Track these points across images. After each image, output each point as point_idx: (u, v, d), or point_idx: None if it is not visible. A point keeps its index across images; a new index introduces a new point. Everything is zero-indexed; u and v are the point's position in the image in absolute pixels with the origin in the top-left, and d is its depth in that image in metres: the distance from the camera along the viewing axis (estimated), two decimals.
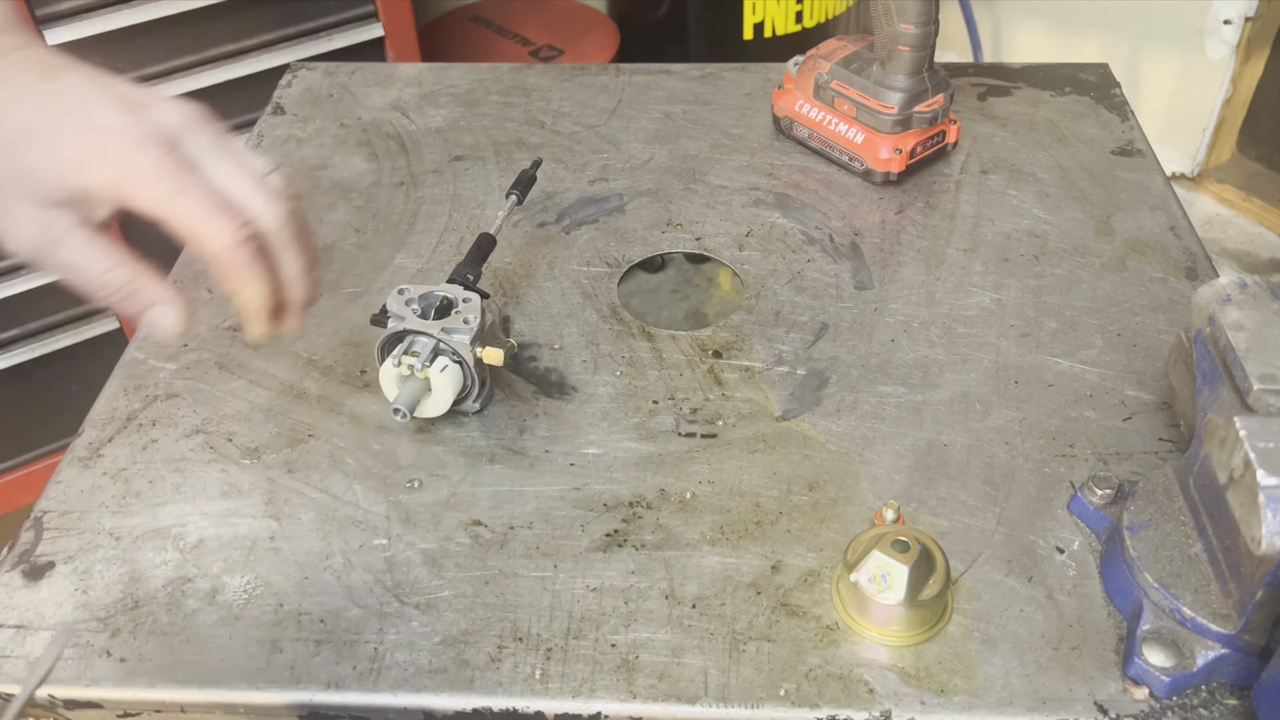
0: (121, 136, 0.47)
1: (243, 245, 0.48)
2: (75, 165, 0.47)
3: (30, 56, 0.50)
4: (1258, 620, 0.49)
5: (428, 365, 0.64)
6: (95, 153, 0.46)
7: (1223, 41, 2.12)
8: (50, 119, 0.47)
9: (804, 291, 0.77)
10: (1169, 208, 0.84)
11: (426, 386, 0.65)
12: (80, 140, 0.47)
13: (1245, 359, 0.52)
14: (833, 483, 0.64)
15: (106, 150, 0.46)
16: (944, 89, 0.85)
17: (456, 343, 0.65)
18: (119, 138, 0.47)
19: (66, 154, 0.47)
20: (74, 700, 0.55)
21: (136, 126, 0.47)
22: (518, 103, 0.99)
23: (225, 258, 0.48)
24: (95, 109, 0.47)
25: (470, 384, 0.66)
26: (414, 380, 0.64)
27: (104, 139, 0.47)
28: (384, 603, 0.58)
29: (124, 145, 0.46)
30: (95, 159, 0.46)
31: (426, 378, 0.64)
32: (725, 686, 0.53)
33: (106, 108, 0.47)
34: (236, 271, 0.49)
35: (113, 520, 0.63)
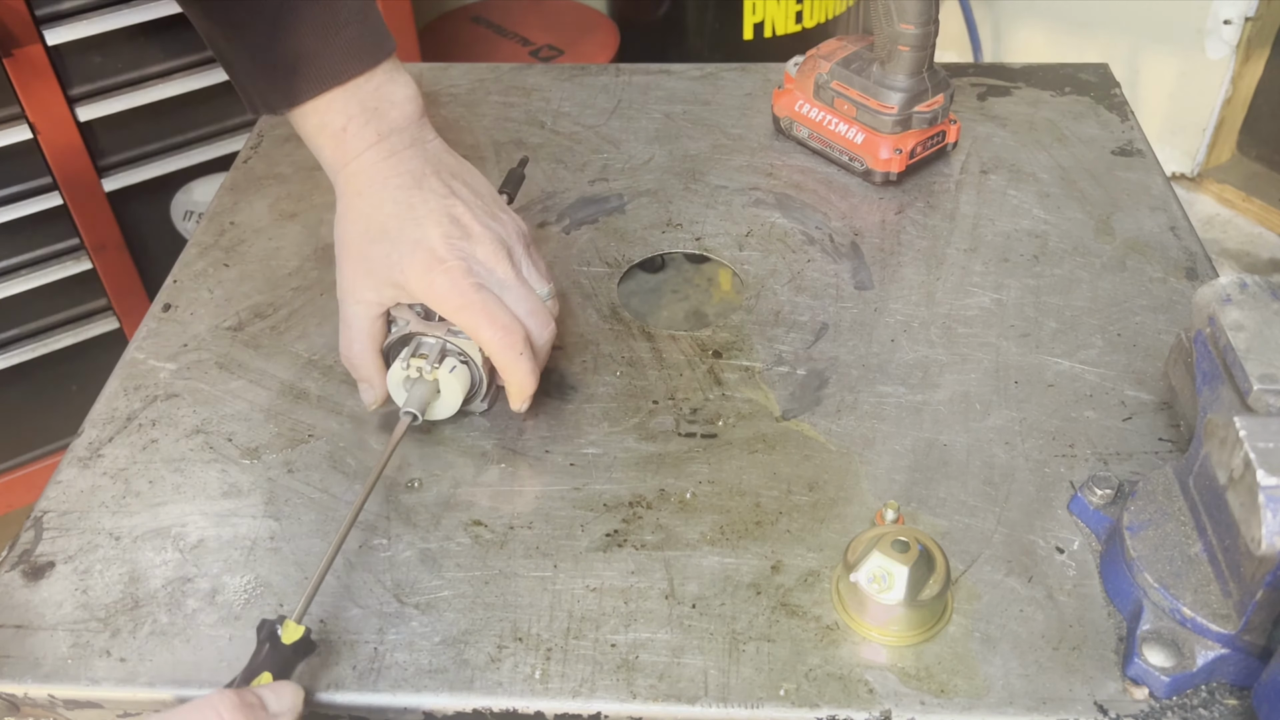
0: (435, 262, 0.62)
1: (510, 345, 0.62)
2: (398, 269, 0.63)
3: (407, 162, 0.65)
4: (1258, 620, 0.49)
5: (436, 367, 0.64)
6: (414, 268, 0.62)
7: (1223, 41, 2.12)
8: (398, 229, 0.63)
9: (804, 291, 0.77)
10: (1169, 208, 0.84)
11: (435, 388, 0.65)
12: (411, 256, 0.62)
13: (1245, 359, 0.52)
14: (833, 483, 0.64)
15: (423, 269, 0.62)
16: (944, 89, 0.85)
17: (463, 343, 0.65)
18: (433, 262, 0.62)
19: (396, 259, 0.63)
20: (74, 700, 0.55)
21: (451, 256, 0.62)
22: (518, 103, 0.99)
23: (497, 357, 0.63)
24: (429, 230, 0.63)
25: (478, 384, 0.66)
26: (422, 382, 0.64)
27: (425, 259, 0.62)
28: (384, 603, 0.58)
29: (434, 268, 0.62)
30: (414, 272, 0.62)
31: (435, 379, 0.64)
32: (725, 687, 0.53)
33: (437, 233, 0.62)
34: (504, 364, 0.63)
35: (113, 520, 0.63)
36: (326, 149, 0.66)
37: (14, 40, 1.24)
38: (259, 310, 0.77)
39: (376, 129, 0.64)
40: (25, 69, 1.26)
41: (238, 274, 0.80)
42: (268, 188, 0.89)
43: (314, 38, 0.62)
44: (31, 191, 1.34)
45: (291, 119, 0.66)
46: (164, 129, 1.41)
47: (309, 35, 0.62)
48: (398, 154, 0.65)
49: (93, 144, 1.35)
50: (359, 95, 0.64)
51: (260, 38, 0.63)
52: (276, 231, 0.85)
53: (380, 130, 0.65)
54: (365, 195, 0.64)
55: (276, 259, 0.82)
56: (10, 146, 1.29)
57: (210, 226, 0.85)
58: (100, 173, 1.37)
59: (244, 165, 0.92)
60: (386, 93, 0.65)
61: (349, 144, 0.65)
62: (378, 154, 0.65)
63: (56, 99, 1.29)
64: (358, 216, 0.64)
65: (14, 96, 1.27)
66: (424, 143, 0.67)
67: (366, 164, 0.65)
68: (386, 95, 0.65)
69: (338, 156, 0.65)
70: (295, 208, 0.87)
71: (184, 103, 1.38)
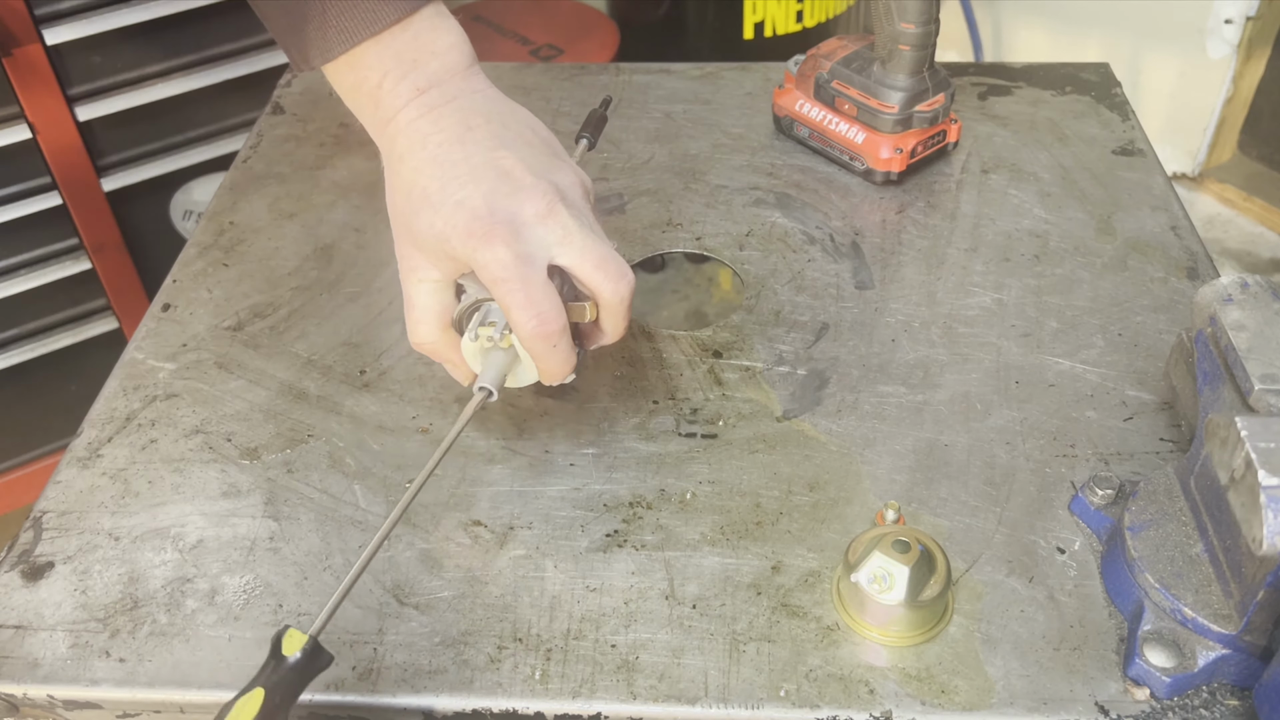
0: (479, 224, 0.55)
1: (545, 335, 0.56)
2: (444, 238, 0.56)
3: (448, 116, 0.59)
4: (1259, 621, 0.49)
5: (508, 332, 0.58)
6: (458, 233, 0.56)
7: (1224, 41, 2.12)
8: (440, 191, 0.57)
9: (804, 291, 0.77)
10: (1170, 207, 0.84)
11: (514, 355, 0.59)
12: (451, 220, 0.56)
13: (1246, 359, 0.52)
14: (833, 483, 0.63)
15: (466, 234, 0.56)
16: (945, 88, 0.84)
17: None
18: (477, 225, 0.55)
19: (440, 228, 0.56)
20: (73, 700, 0.55)
21: (493, 216, 0.56)
22: (517, 102, 0.99)
23: (527, 343, 0.57)
24: (472, 189, 0.56)
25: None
26: (497, 351, 0.59)
27: (467, 223, 0.56)
28: (383, 603, 0.58)
29: (477, 233, 0.55)
30: (456, 238, 0.56)
31: (510, 345, 0.59)
32: (725, 687, 0.53)
33: (481, 190, 0.56)
34: (535, 352, 0.57)
35: (112, 520, 0.63)
36: (365, 108, 0.60)
37: (13, 40, 1.24)
38: (258, 310, 0.77)
39: (415, 83, 0.58)
40: (24, 69, 1.26)
41: (237, 274, 0.80)
42: (267, 187, 0.89)
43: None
44: (31, 191, 1.34)
45: (329, 78, 0.61)
46: (163, 129, 1.41)
47: None
48: (438, 108, 0.59)
49: (92, 144, 1.35)
50: (395, 46, 0.58)
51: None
52: (276, 231, 0.85)
53: (419, 84, 0.59)
54: (406, 159, 0.59)
55: (276, 259, 0.82)
56: (9, 146, 1.29)
57: (209, 226, 0.85)
58: (99, 172, 1.37)
59: (243, 165, 0.92)
60: (426, 41, 0.59)
61: (386, 100, 0.59)
62: (417, 109, 0.59)
63: (56, 99, 1.29)
64: (401, 184, 0.59)
65: (13, 96, 1.27)
66: (471, 93, 0.60)
67: (405, 122, 0.59)
68: (426, 44, 0.59)
69: (376, 116, 0.60)
70: (295, 207, 0.87)
71: (183, 102, 1.38)
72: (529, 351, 0.58)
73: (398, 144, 0.59)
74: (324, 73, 0.60)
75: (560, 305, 0.57)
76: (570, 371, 0.59)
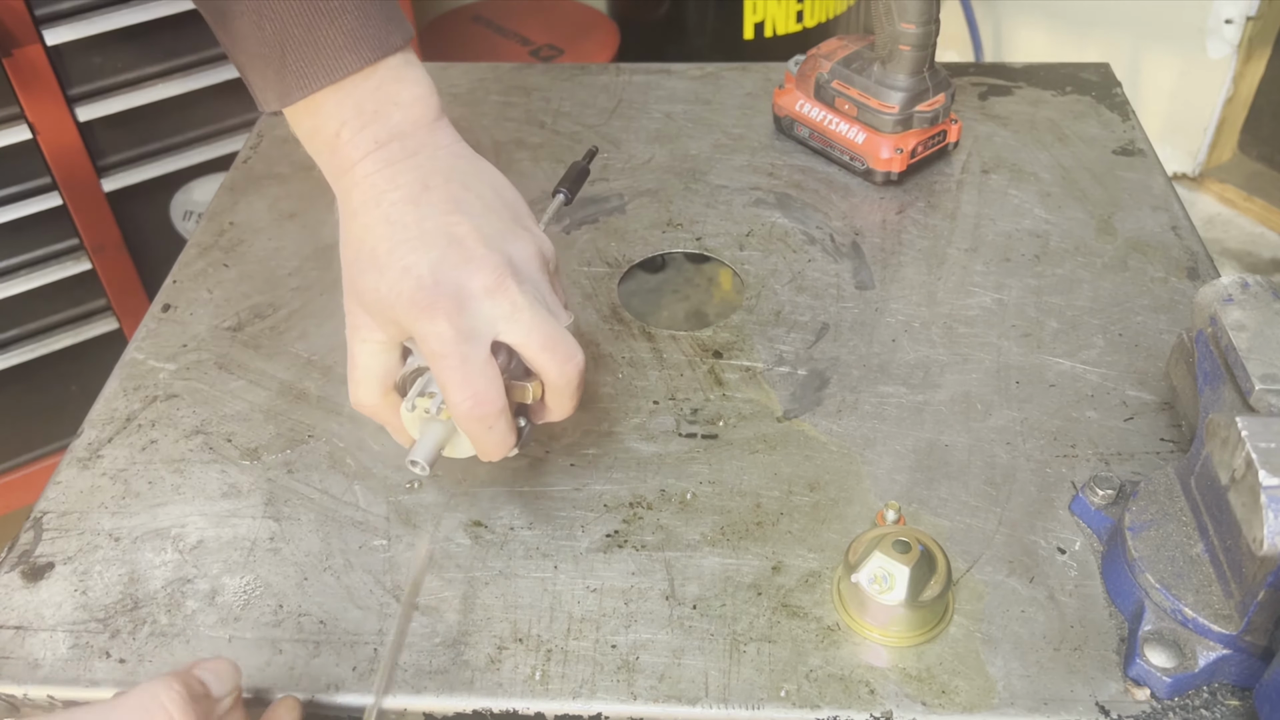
0: (423, 295, 0.53)
1: (480, 417, 0.54)
2: (387, 304, 0.54)
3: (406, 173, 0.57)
4: (1259, 621, 0.49)
5: (443, 405, 0.55)
6: (401, 302, 0.54)
7: (1224, 41, 2.12)
8: (388, 254, 0.55)
9: (805, 291, 0.77)
10: (1170, 207, 0.84)
11: (453, 427, 0.56)
12: (396, 287, 0.54)
13: (1247, 359, 0.52)
14: (834, 483, 0.63)
15: (409, 303, 0.53)
16: (945, 88, 0.84)
17: None
18: (420, 296, 0.53)
19: (384, 292, 0.54)
20: (73, 701, 0.55)
21: (437, 288, 0.53)
22: (518, 102, 0.99)
23: (461, 423, 0.55)
24: (421, 256, 0.54)
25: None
26: (435, 423, 0.56)
27: (411, 292, 0.53)
28: (384, 604, 0.58)
29: (420, 304, 0.53)
30: (400, 306, 0.54)
31: (448, 418, 0.56)
32: (726, 687, 0.53)
33: (429, 259, 0.54)
34: (469, 432, 0.55)
35: (112, 521, 0.63)
36: (322, 154, 0.58)
37: (13, 40, 1.24)
38: (258, 310, 0.77)
39: (374, 135, 0.56)
40: (25, 69, 1.26)
41: (237, 274, 0.80)
42: (267, 187, 0.89)
43: (301, 28, 0.55)
44: (31, 192, 1.34)
45: (288, 120, 0.59)
46: (163, 129, 1.40)
47: (295, 25, 0.55)
48: (396, 164, 0.56)
49: (92, 144, 1.35)
50: (355, 95, 0.56)
51: (248, 27, 0.55)
52: (276, 231, 0.84)
53: (379, 137, 0.56)
54: (359, 215, 0.56)
55: (276, 259, 0.82)
56: (10, 147, 1.29)
57: (210, 226, 0.85)
58: (100, 173, 1.37)
59: (243, 165, 0.92)
60: (390, 92, 0.57)
61: (344, 151, 0.57)
62: (374, 164, 0.56)
63: (56, 99, 1.29)
64: (351, 240, 0.57)
65: (13, 97, 1.27)
66: (435, 149, 0.58)
67: (361, 175, 0.56)
68: (389, 95, 0.57)
69: (333, 164, 0.58)
70: (295, 207, 0.87)
71: (183, 103, 1.38)
72: (463, 430, 0.55)
73: (352, 197, 0.57)
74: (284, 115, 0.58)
75: (499, 385, 0.54)
76: (509, 450, 0.56)
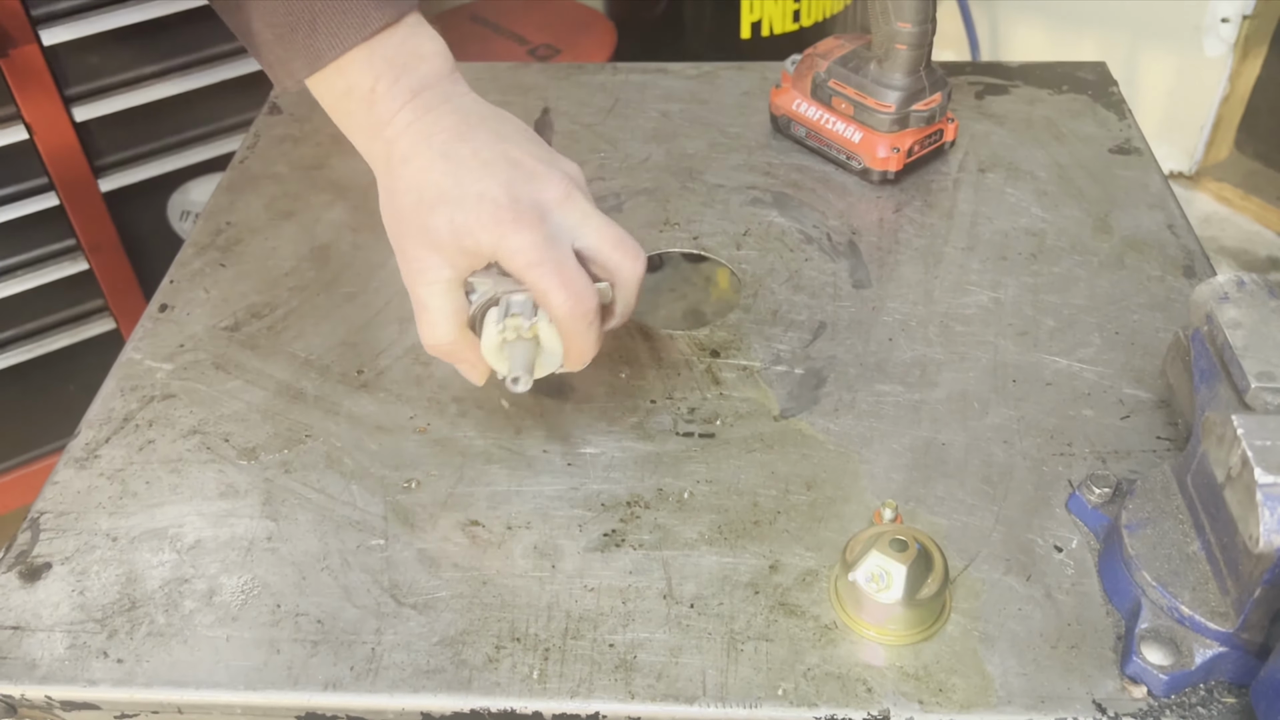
0: (505, 213, 0.56)
1: (582, 314, 0.57)
2: (466, 232, 0.56)
3: (446, 116, 0.59)
4: (1256, 618, 0.49)
5: (533, 320, 0.58)
6: (483, 224, 0.56)
7: (1220, 40, 2.12)
8: (456, 186, 0.57)
9: (802, 290, 0.77)
10: (1167, 206, 0.84)
11: (536, 344, 0.60)
12: (474, 212, 0.56)
13: (1243, 357, 0.52)
14: (831, 482, 0.63)
15: (492, 223, 0.56)
16: (941, 87, 0.84)
17: None
18: (503, 213, 0.56)
19: (461, 221, 0.56)
20: (70, 701, 0.55)
21: (517, 204, 0.56)
22: (515, 101, 0.99)
23: (564, 324, 0.58)
24: (490, 181, 0.57)
25: None
26: (521, 343, 0.59)
27: (492, 212, 0.56)
28: (381, 603, 0.58)
29: (505, 220, 0.56)
30: (481, 229, 0.56)
31: (535, 335, 0.59)
32: (723, 686, 0.53)
33: (499, 181, 0.57)
34: (570, 333, 0.58)
35: (109, 521, 0.63)
36: (357, 114, 0.60)
37: (10, 40, 1.24)
38: (256, 310, 0.77)
39: (409, 85, 0.59)
40: (21, 69, 1.26)
41: (234, 274, 0.80)
42: (264, 187, 0.89)
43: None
44: (28, 192, 1.34)
45: (314, 89, 0.61)
46: (160, 129, 1.41)
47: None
48: (434, 110, 0.59)
49: (89, 144, 1.35)
50: (384, 51, 0.59)
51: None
52: (273, 231, 0.84)
53: (412, 86, 0.59)
54: (411, 160, 0.59)
55: (273, 259, 0.82)
56: (6, 147, 1.29)
57: (206, 226, 0.85)
58: (96, 173, 1.37)
59: (240, 165, 0.92)
60: (412, 47, 0.59)
61: (381, 105, 0.59)
62: (413, 112, 0.59)
63: (52, 99, 1.29)
64: (408, 187, 0.59)
65: (10, 97, 1.27)
66: (461, 95, 0.61)
67: (403, 125, 0.59)
68: (413, 49, 0.59)
69: (370, 121, 0.60)
70: (292, 207, 0.87)
71: (180, 103, 1.38)
72: (566, 333, 0.59)
73: (398, 146, 0.59)
74: (308, 85, 0.60)
75: (591, 283, 0.58)
76: (595, 352, 0.60)
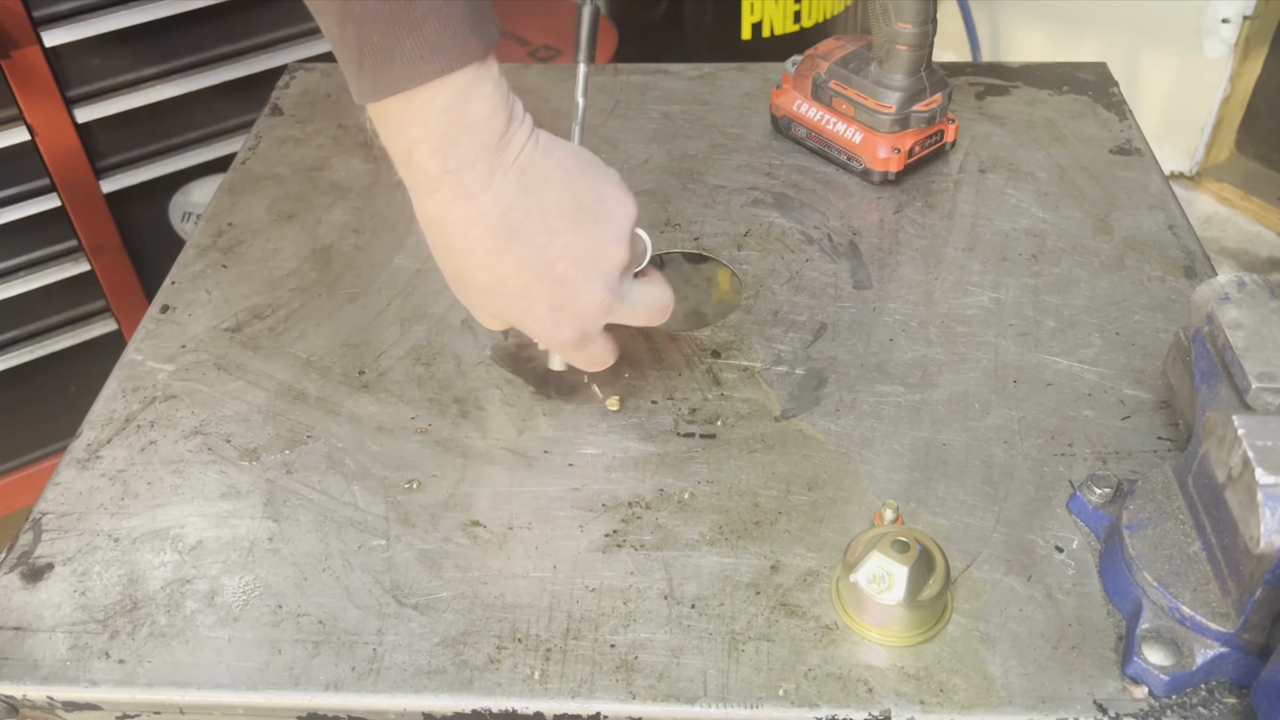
0: (548, 335, 0.60)
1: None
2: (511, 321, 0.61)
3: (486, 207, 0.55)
4: (1257, 618, 0.49)
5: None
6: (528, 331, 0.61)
7: (1221, 40, 2.12)
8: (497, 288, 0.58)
9: (802, 291, 0.77)
10: (1167, 206, 0.84)
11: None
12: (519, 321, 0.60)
13: (1243, 357, 0.52)
14: (832, 482, 0.63)
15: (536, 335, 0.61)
16: (942, 88, 0.84)
17: None
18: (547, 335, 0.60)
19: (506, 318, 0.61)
20: (72, 702, 0.55)
21: (559, 329, 0.59)
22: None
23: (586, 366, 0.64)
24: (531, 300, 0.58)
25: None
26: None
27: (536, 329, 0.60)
28: (383, 604, 0.58)
29: (548, 340, 0.61)
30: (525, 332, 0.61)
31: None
32: (724, 686, 0.53)
33: (541, 303, 0.58)
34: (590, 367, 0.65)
35: (111, 522, 0.63)
36: (399, 164, 0.56)
37: (12, 42, 1.24)
38: (257, 311, 0.77)
39: (445, 163, 0.54)
40: (23, 71, 1.26)
41: (236, 275, 0.80)
42: (266, 189, 0.89)
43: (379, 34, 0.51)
44: (29, 193, 1.34)
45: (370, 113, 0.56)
46: (162, 130, 1.41)
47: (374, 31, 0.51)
48: (474, 200, 0.55)
49: (91, 146, 1.35)
50: (424, 114, 0.53)
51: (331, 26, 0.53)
52: (274, 233, 0.85)
53: (450, 165, 0.54)
54: (454, 252, 0.57)
55: (274, 260, 0.82)
56: (8, 149, 1.29)
57: (208, 228, 0.85)
58: (98, 174, 1.37)
59: (242, 166, 0.92)
60: (455, 116, 0.53)
61: (416, 174, 0.55)
62: (449, 198, 0.55)
63: (54, 101, 1.29)
64: (451, 267, 0.59)
65: (12, 98, 1.27)
66: (506, 169, 0.55)
67: (438, 208, 0.56)
68: (455, 118, 0.53)
69: (409, 180, 0.56)
70: (293, 208, 0.87)
71: (182, 104, 1.38)
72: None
73: (434, 227, 0.57)
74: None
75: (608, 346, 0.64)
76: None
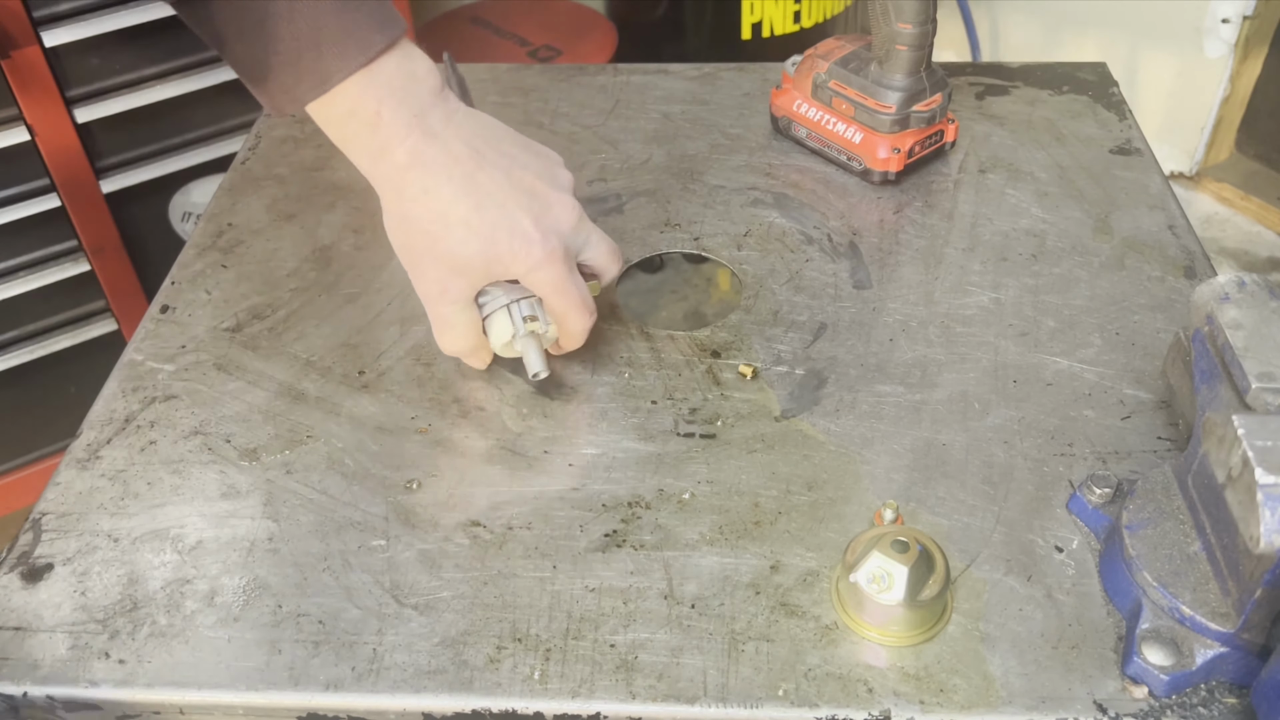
0: (536, 249, 0.62)
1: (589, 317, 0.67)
2: (497, 261, 0.62)
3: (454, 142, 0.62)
4: (1256, 618, 0.49)
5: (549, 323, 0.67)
6: (515, 257, 0.62)
7: (1221, 40, 2.12)
8: (481, 220, 0.61)
9: (802, 291, 0.77)
10: (1167, 206, 0.84)
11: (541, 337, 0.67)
12: (506, 246, 0.62)
13: (1243, 357, 0.52)
14: (831, 482, 0.63)
15: (524, 256, 0.62)
16: (942, 88, 0.85)
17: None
18: (534, 249, 0.62)
19: (494, 254, 0.62)
20: (72, 702, 0.55)
21: (546, 239, 0.62)
22: (516, 103, 0.99)
23: (570, 330, 0.67)
24: (517, 214, 0.62)
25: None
26: (531, 337, 0.66)
27: (524, 247, 0.62)
28: (383, 604, 0.58)
29: (535, 255, 0.62)
30: (514, 261, 0.62)
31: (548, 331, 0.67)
32: (724, 686, 0.53)
33: (522, 213, 0.62)
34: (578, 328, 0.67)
35: (111, 522, 0.63)
36: (361, 136, 0.61)
37: (12, 42, 1.24)
38: (257, 311, 0.77)
39: (410, 109, 0.60)
40: (23, 71, 1.26)
41: (236, 275, 0.80)
42: (266, 189, 0.89)
43: (332, 15, 0.58)
44: (29, 193, 1.34)
45: (314, 113, 0.61)
46: (162, 130, 1.41)
47: (328, 14, 0.57)
48: (439, 135, 0.61)
49: (91, 146, 1.36)
50: (383, 75, 0.59)
51: (280, 25, 0.58)
52: (274, 233, 0.85)
53: (414, 110, 0.60)
54: (432, 191, 0.61)
55: (274, 260, 0.82)
56: (8, 148, 1.29)
57: (208, 228, 0.85)
58: (98, 174, 1.38)
59: (242, 166, 0.92)
60: (409, 68, 0.60)
61: (385, 129, 0.60)
62: (420, 139, 0.61)
63: (54, 101, 1.30)
64: (432, 216, 0.62)
65: (12, 98, 1.27)
66: (456, 113, 0.63)
67: (412, 152, 0.61)
68: (409, 71, 0.60)
69: (374, 144, 0.61)
70: (293, 208, 0.87)
71: (182, 104, 1.39)
72: (571, 333, 0.68)
73: (410, 175, 0.61)
74: (308, 109, 0.61)
75: (589, 296, 0.67)
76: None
